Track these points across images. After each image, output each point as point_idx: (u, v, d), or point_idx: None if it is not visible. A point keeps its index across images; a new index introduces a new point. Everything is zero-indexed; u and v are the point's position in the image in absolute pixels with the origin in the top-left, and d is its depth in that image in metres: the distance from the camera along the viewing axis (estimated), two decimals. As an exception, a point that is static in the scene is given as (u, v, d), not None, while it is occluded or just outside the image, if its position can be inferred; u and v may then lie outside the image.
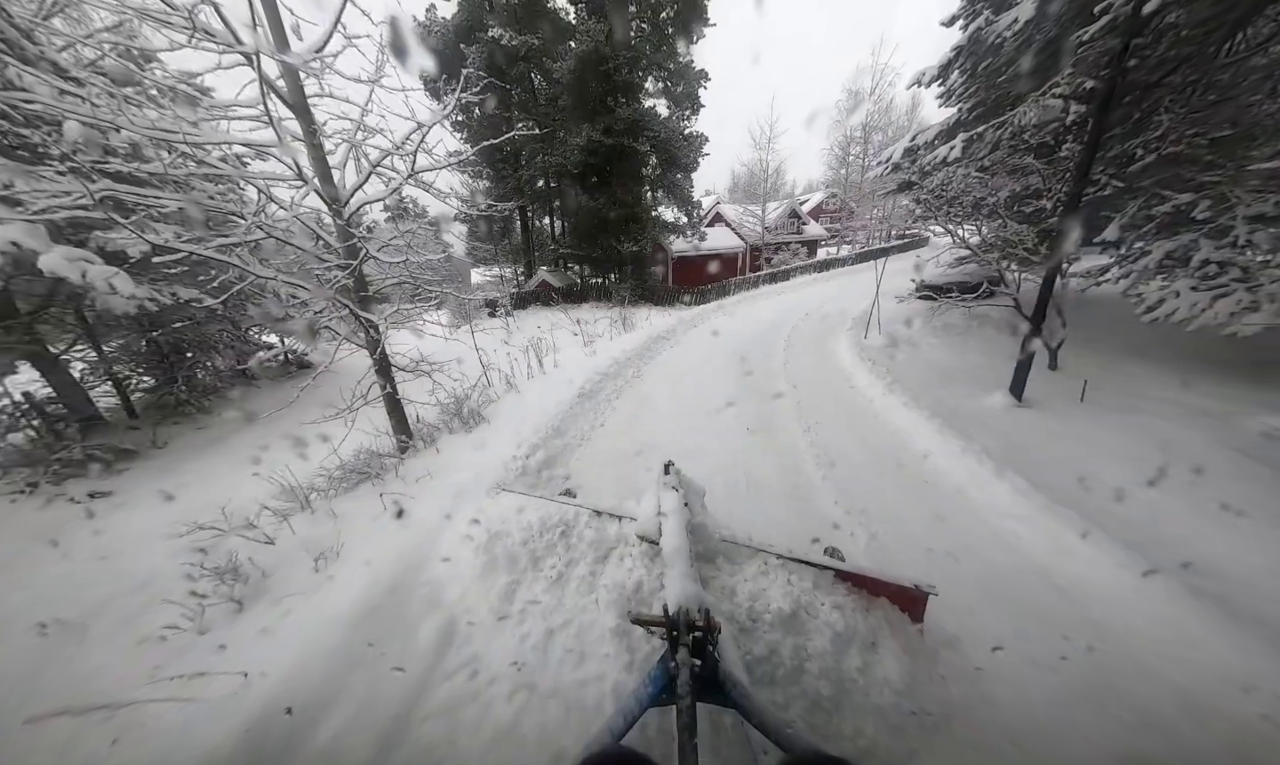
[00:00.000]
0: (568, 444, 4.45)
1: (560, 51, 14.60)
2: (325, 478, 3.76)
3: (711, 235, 24.35)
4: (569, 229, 17.90)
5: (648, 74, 15.58)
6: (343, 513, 3.31)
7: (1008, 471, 3.17)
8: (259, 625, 2.34)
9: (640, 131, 14.27)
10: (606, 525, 2.43)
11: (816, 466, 3.79)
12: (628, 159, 14.36)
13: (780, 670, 1.70)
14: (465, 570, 2.46)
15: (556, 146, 15.11)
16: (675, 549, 1.67)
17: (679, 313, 13.11)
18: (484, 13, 14.98)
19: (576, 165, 14.26)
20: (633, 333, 9.52)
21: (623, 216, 14.52)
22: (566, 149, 14.39)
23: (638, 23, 15.30)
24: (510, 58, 14.45)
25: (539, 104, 15.73)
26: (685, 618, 1.25)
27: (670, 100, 16.46)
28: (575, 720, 1.66)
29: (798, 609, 1.85)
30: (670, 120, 15.75)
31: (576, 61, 13.20)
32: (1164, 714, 1.73)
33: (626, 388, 6.28)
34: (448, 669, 1.96)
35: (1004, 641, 2.05)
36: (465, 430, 4.55)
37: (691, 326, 11.11)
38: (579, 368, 6.64)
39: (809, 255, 26.85)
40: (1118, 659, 1.97)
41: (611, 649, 1.86)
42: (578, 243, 16.76)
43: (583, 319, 10.40)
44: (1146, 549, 2.45)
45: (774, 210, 26.81)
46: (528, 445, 4.11)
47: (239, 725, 1.69)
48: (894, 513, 3.09)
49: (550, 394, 5.54)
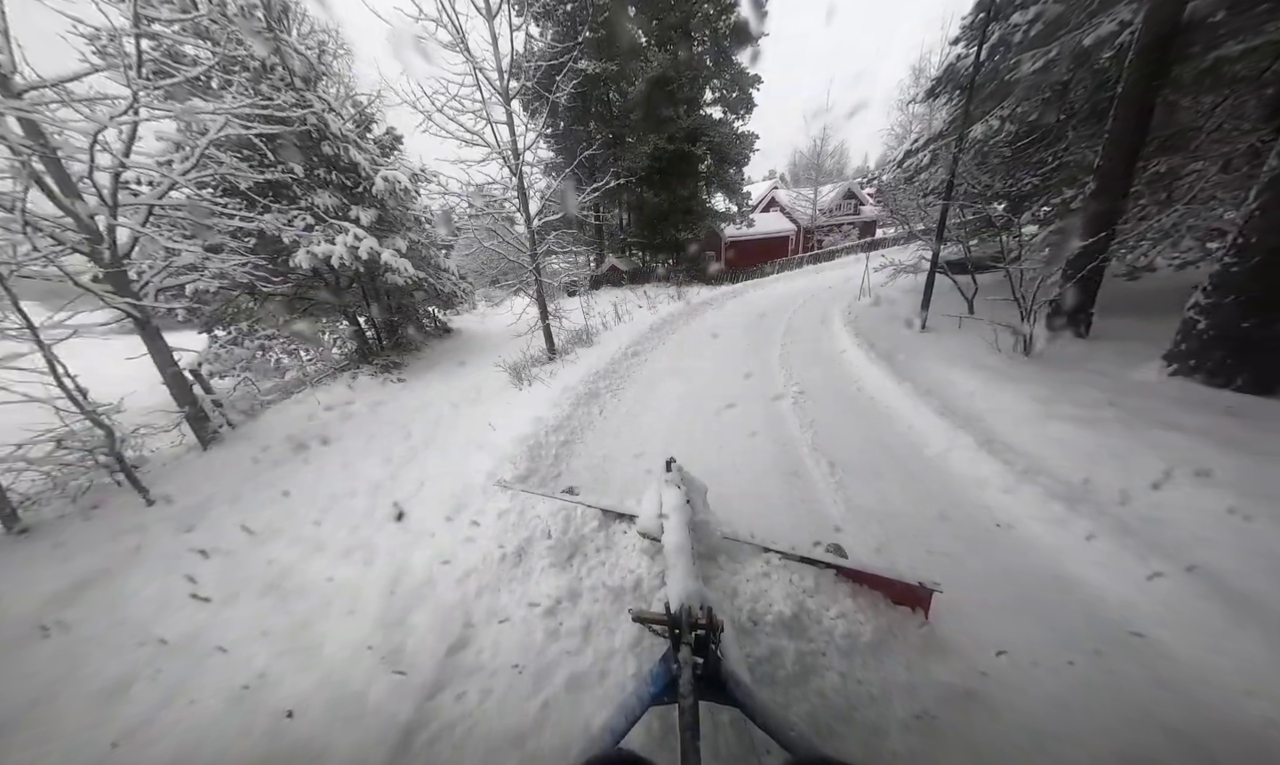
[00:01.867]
0: (640, 353, 7.73)
1: (632, 72, 17.67)
2: (507, 368, 7.35)
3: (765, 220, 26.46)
4: (634, 220, 21.10)
5: (706, 85, 18.23)
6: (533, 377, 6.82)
7: (876, 356, 5.92)
8: (511, 401, 5.81)
9: (698, 137, 17.10)
10: (607, 522, 2.47)
11: (780, 363, 6.71)
12: (686, 160, 17.25)
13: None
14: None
15: (627, 152, 18.30)
16: (677, 546, 1.70)
17: (724, 288, 15.98)
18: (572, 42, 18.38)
19: (644, 169, 17.40)
20: (683, 302, 12.65)
21: (679, 209, 17.50)
22: (635, 155, 17.54)
23: (698, 46, 17.93)
24: (593, 82, 17.76)
25: (614, 117, 18.96)
26: (687, 616, 1.25)
27: (725, 106, 18.96)
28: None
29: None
30: (724, 123, 18.36)
31: (646, 84, 16.23)
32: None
33: (677, 330, 9.49)
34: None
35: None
36: (585, 346, 8.00)
37: (731, 297, 14.03)
38: (646, 320, 9.95)
39: (860, 236, 27.95)
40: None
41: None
42: (641, 232, 19.93)
43: (646, 293, 13.69)
44: (912, 376, 5.16)
45: (829, 193, 28.11)
46: (621, 351, 7.46)
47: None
48: (818, 376, 5.97)
49: (629, 330, 8.89)
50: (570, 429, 4.77)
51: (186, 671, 2.29)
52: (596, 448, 4.43)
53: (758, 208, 28.55)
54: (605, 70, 17.76)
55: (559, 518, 2.60)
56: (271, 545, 3.41)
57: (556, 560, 2.38)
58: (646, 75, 16.52)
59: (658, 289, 16.53)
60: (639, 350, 7.91)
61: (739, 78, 18.99)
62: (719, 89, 18.81)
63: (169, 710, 2.07)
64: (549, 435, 4.45)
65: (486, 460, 4.00)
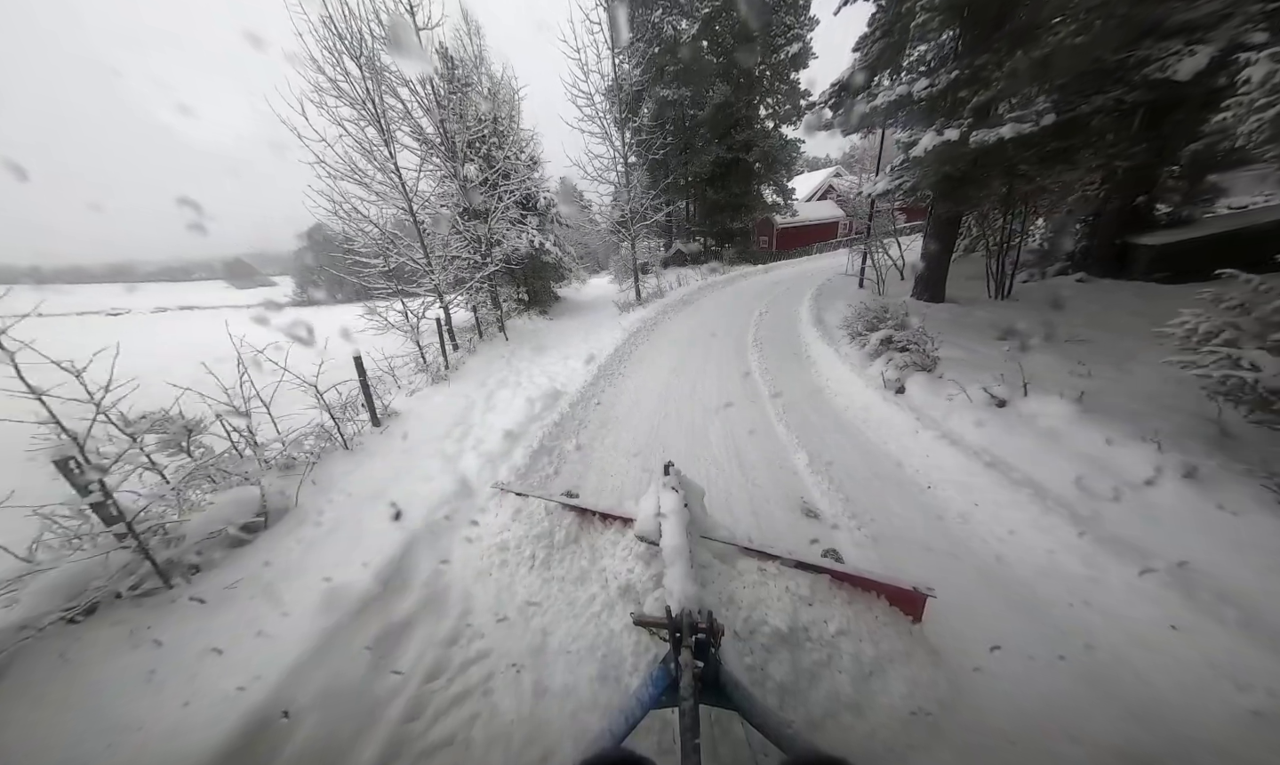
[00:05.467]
0: (692, 299, 13.04)
1: (701, 98, 22.41)
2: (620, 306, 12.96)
3: (815, 207, 30.00)
4: (697, 211, 25.96)
5: (760, 104, 22.53)
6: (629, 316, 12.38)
7: (813, 299, 10.69)
8: (619, 322, 11.38)
9: (751, 146, 21.58)
10: (606, 525, 2.51)
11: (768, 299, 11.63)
12: (741, 165, 21.83)
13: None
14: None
15: (694, 157, 23.13)
16: (676, 550, 1.72)
17: (764, 265, 20.63)
18: (659, 78, 23.52)
19: (707, 172, 22.25)
20: (725, 276, 17.70)
21: (734, 205, 22.20)
22: (700, 162, 22.37)
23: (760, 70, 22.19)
24: (671, 105, 22.79)
25: (685, 128, 23.82)
26: (688, 619, 1.28)
27: (776, 118, 23.11)
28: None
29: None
30: (774, 133, 22.57)
31: (712, 108, 20.97)
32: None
33: (719, 289, 14.68)
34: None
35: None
36: (659, 297, 13.46)
37: (764, 273, 18.84)
38: (699, 285, 15.24)
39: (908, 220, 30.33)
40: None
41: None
42: (702, 221, 24.82)
43: (700, 271, 18.81)
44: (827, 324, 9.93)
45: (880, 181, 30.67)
46: (680, 298, 12.86)
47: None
48: (783, 307, 10.85)
49: (685, 289, 14.25)
50: (651, 325, 10.27)
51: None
52: (666, 330, 9.86)
53: (815, 196, 31.99)
54: (680, 95, 22.63)
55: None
56: (541, 359, 9.17)
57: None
58: (713, 101, 21.17)
59: (710, 267, 21.49)
60: (690, 299, 13.22)
61: (790, 94, 22.95)
62: (771, 105, 22.98)
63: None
64: (644, 326, 9.97)
65: (620, 334, 9.52)
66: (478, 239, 9.83)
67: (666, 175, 25.31)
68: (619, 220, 14.85)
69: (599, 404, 5.67)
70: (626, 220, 12.98)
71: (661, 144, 23.57)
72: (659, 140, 23.88)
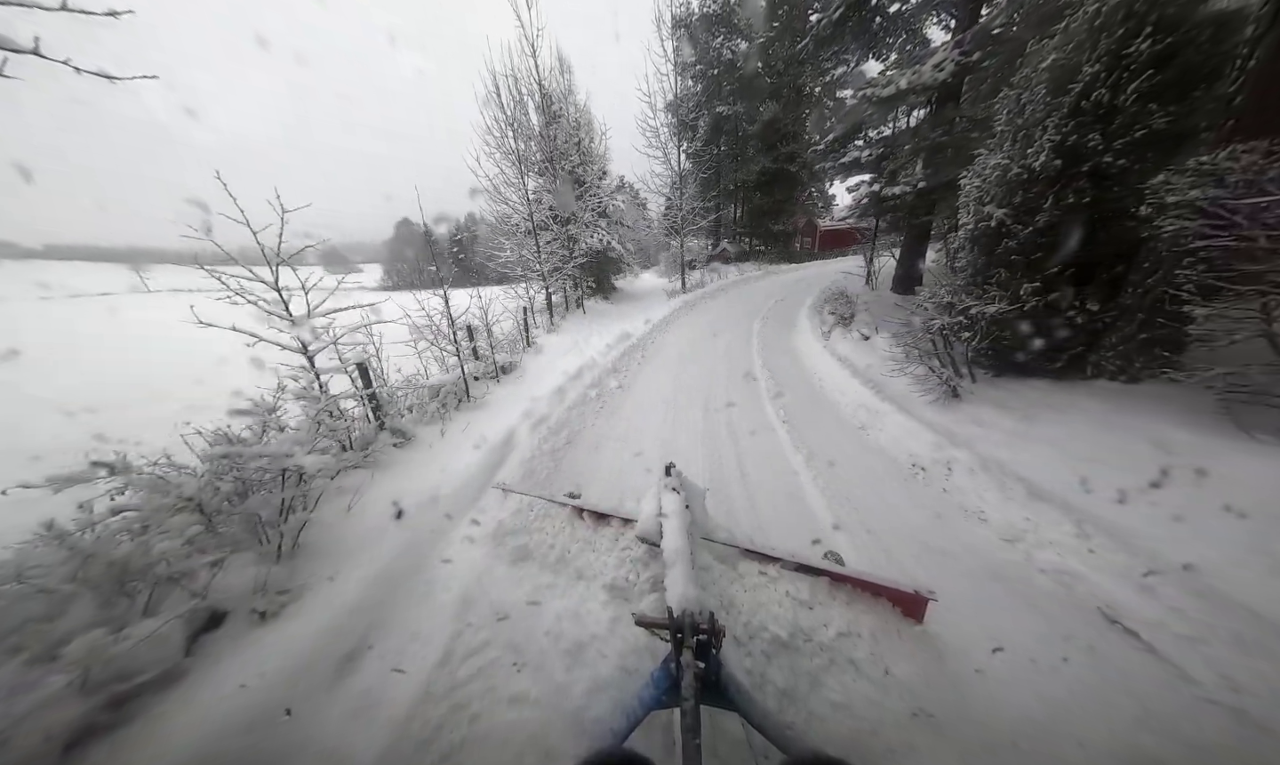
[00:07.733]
0: (727, 290, 16.38)
1: (754, 113, 25.27)
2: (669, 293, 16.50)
3: (859, 213, 31.71)
4: (744, 214, 28.83)
5: (807, 119, 25.07)
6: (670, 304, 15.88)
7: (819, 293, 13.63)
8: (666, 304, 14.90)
9: (795, 158, 24.25)
10: (607, 526, 2.54)
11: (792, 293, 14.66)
12: (785, 174, 24.54)
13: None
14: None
15: (743, 166, 26.02)
16: (677, 551, 1.73)
17: (798, 264, 23.41)
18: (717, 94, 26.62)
19: (754, 181, 25.17)
20: (765, 271, 20.74)
21: (777, 210, 24.99)
22: (749, 170, 25.26)
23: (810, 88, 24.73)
24: (726, 118, 25.88)
25: (737, 139, 26.76)
26: (690, 620, 1.29)
27: (818, 132, 25.51)
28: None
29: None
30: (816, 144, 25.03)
31: (761, 125, 23.86)
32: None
33: (753, 282, 17.91)
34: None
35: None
36: (700, 287, 16.89)
37: (795, 270, 21.65)
38: (736, 279, 18.56)
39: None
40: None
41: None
42: (747, 223, 27.70)
43: (740, 268, 21.93)
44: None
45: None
46: (717, 288, 16.26)
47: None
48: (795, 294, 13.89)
49: (723, 281, 17.62)
50: (693, 305, 13.76)
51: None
52: (705, 308, 13.38)
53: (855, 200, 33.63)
54: (734, 111, 25.56)
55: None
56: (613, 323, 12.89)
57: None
58: (763, 118, 23.98)
59: (750, 265, 24.45)
60: (725, 290, 16.56)
61: (837, 109, 25.20)
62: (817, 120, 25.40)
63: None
64: (686, 306, 13.53)
65: (668, 310, 13.05)
66: (569, 238, 13.65)
67: (717, 183, 28.39)
68: (671, 226, 18.35)
69: (653, 343, 9.41)
70: (678, 226, 16.43)
71: (713, 158, 26.67)
72: (711, 151, 26.91)
